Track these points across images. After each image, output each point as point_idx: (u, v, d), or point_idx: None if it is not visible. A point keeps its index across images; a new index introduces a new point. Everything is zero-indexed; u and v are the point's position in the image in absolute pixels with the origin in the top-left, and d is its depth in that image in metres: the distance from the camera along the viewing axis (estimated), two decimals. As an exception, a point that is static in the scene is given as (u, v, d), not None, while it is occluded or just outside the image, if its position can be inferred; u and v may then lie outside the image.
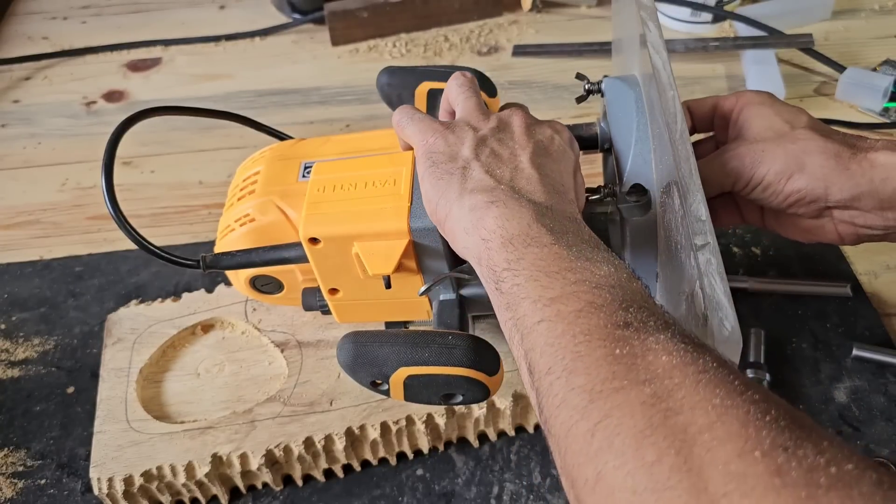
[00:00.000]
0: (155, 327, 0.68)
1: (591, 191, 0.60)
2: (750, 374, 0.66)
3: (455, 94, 0.56)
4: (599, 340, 0.36)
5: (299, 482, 0.63)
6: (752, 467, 0.29)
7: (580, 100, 0.61)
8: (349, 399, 0.62)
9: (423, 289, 0.56)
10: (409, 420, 0.61)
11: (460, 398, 0.53)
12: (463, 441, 0.65)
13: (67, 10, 1.19)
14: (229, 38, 1.10)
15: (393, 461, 0.64)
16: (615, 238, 0.64)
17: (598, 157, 0.69)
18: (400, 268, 0.53)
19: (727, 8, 1.03)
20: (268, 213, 0.60)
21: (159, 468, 0.59)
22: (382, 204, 0.53)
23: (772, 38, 1.00)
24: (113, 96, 1.03)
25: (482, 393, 0.52)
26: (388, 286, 0.55)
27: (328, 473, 0.63)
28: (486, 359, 0.52)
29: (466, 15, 1.09)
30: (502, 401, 0.61)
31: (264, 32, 1.11)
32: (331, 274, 0.56)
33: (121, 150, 0.60)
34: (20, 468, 0.65)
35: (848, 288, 0.72)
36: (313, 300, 0.61)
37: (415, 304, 0.58)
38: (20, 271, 0.81)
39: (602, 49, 1.03)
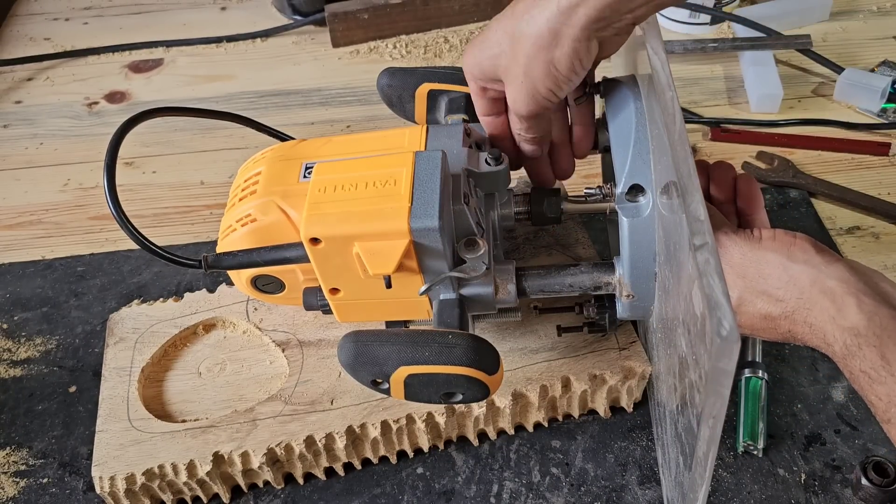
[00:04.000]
0: (157, 327, 0.68)
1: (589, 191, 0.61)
2: (748, 373, 0.66)
3: None
4: None
5: (300, 480, 0.63)
6: None
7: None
8: (350, 398, 0.62)
9: (423, 288, 0.56)
10: (410, 419, 0.61)
11: (460, 397, 0.53)
12: (463, 440, 0.65)
13: (69, 12, 1.19)
14: (230, 39, 1.10)
15: (393, 459, 0.64)
16: (614, 238, 0.64)
17: (598, 157, 0.69)
18: (400, 268, 0.54)
19: (725, 9, 1.04)
20: (269, 214, 0.60)
21: (161, 467, 0.59)
22: (383, 204, 0.53)
23: (770, 39, 1.00)
24: (115, 97, 1.03)
25: (482, 392, 0.53)
26: (389, 286, 0.56)
27: (329, 472, 0.64)
28: (486, 358, 0.52)
29: (466, 16, 1.09)
30: (502, 399, 0.62)
31: (265, 34, 1.11)
32: (332, 274, 0.57)
33: (123, 151, 0.61)
34: (22, 467, 0.65)
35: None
36: (314, 300, 0.62)
37: (415, 303, 0.58)
38: (22, 271, 0.81)
39: (601, 50, 1.03)
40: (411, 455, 0.64)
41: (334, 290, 0.58)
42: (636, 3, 0.50)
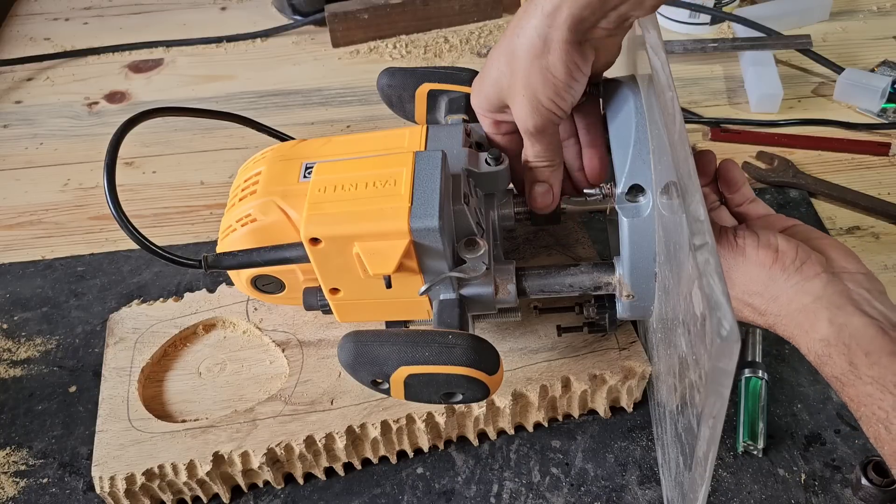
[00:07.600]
0: (157, 327, 0.68)
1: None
2: (748, 373, 0.66)
3: None
4: None
5: (300, 480, 0.63)
6: None
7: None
8: (350, 398, 0.62)
9: (423, 288, 0.56)
10: (410, 419, 0.61)
11: (460, 397, 0.53)
12: (463, 440, 0.65)
13: (69, 12, 1.19)
14: (230, 39, 1.10)
15: (393, 459, 0.64)
16: (614, 238, 0.64)
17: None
18: (400, 268, 0.54)
19: (725, 9, 1.04)
20: (269, 214, 0.60)
21: (161, 467, 0.59)
22: (383, 204, 0.53)
23: (770, 39, 1.00)
24: (115, 97, 1.03)
25: (482, 392, 0.53)
26: (389, 286, 0.56)
27: (329, 472, 0.64)
28: (486, 358, 0.52)
29: (466, 16, 1.09)
30: (502, 400, 0.62)
31: (265, 34, 1.11)
32: (332, 274, 0.57)
33: (123, 151, 0.61)
34: (22, 467, 0.65)
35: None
36: (314, 300, 0.62)
37: (415, 303, 0.58)
38: (22, 271, 0.81)
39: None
40: (411, 455, 0.64)
41: (334, 290, 0.58)
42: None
